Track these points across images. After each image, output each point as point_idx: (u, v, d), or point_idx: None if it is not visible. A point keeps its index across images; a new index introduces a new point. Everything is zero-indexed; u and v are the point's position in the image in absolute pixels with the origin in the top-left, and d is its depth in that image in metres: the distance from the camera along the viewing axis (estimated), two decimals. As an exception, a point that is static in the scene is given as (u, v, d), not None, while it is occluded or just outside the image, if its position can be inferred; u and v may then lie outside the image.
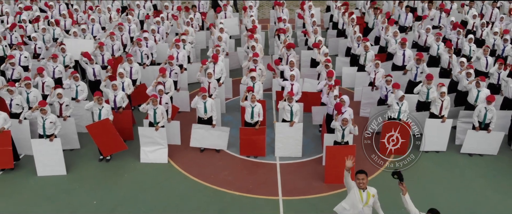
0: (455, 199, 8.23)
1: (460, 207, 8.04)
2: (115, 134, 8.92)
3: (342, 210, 6.01)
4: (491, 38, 12.41)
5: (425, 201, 7.98)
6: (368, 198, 5.92)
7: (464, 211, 7.94)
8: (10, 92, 9.03)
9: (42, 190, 8.44)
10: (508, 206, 8.09)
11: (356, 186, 5.92)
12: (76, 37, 11.97)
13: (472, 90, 9.50)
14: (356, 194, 5.89)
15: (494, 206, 8.07)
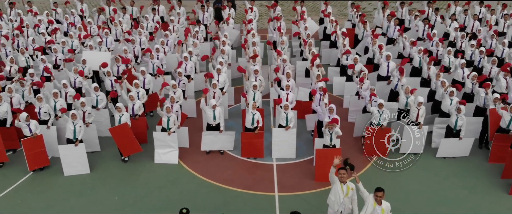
0: (427, 194, 9.51)
1: (431, 200, 9.33)
2: (132, 138, 10.19)
3: (329, 201, 7.34)
4: (468, 50, 13.66)
5: (401, 195, 9.30)
6: (348, 190, 7.23)
7: (434, 204, 9.22)
8: (39, 100, 10.30)
9: (70, 187, 9.72)
10: (472, 199, 9.39)
11: (338, 181, 7.22)
12: (92, 49, 13.23)
13: (446, 99, 10.76)
14: (338, 187, 7.20)
15: (461, 200, 9.37)
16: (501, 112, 10.26)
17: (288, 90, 11.11)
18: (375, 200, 6.99)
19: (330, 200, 7.43)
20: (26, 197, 9.57)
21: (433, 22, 16.22)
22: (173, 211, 7.93)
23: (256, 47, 13.35)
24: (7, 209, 9.27)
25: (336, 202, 7.32)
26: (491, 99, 10.75)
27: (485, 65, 12.77)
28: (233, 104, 12.86)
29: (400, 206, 8.84)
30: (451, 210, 9.13)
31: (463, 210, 9.13)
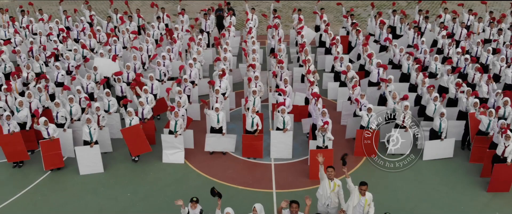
0: (412, 191, 10.45)
1: (415, 197, 10.27)
2: (143, 138, 11.12)
3: (318, 195, 8.29)
4: (454, 57, 14.58)
5: (387, 192, 10.24)
6: (334, 186, 8.19)
7: (417, 200, 10.16)
8: (56, 105, 11.22)
9: (86, 185, 10.65)
10: (452, 196, 10.32)
11: (326, 177, 8.16)
12: (102, 57, 14.15)
13: (430, 104, 11.69)
14: (326, 183, 8.15)
15: (442, 196, 10.30)
16: (480, 117, 11.18)
17: (285, 96, 12.03)
18: (360, 192, 7.94)
19: (319, 194, 8.41)
20: (45, 194, 10.51)
21: (423, 29, 17.18)
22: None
23: (255, 54, 14.26)
24: (29, 205, 10.19)
25: (323, 196, 8.30)
26: (471, 104, 11.68)
27: (469, 72, 13.69)
28: (234, 108, 13.79)
29: (386, 201, 9.77)
30: (433, 206, 10.05)
31: (444, 205, 10.05)
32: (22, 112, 11.31)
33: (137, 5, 18.68)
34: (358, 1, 25.46)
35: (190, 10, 22.44)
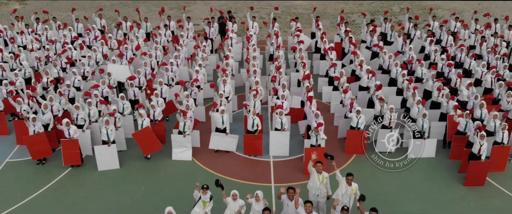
0: (396, 184, 11.67)
1: (399, 190, 11.52)
2: (154, 138, 12.33)
3: (309, 187, 9.52)
4: (440, 63, 15.79)
5: (374, 184, 11.46)
6: (323, 178, 9.41)
7: (401, 193, 11.39)
8: (77, 108, 12.43)
9: (104, 180, 11.88)
10: (432, 189, 11.56)
11: (315, 171, 9.39)
12: (114, 63, 15.37)
13: (414, 106, 12.89)
14: (315, 176, 9.37)
15: (423, 190, 11.53)
16: (458, 119, 12.40)
17: (283, 99, 13.24)
18: (347, 182, 9.16)
19: (309, 186, 9.63)
20: (67, 188, 11.74)
21: (412, 36, 18.40)
22: (189, 198, 10.02)
23: (256, 61, 15.47)
24: (53, 198, 11.42)
25: (313, 187, 9.54)
26: (451, 106, 12.90)
27: (452, 77, 14.91)
28: (237, 110, 15.01)
29: (372, 194, 10.92)
30: (414, 198, 11.27)
31: (424, 198, 11.27)
32: (46, 115, 12.53)
33: (143, 12, 19.93)
34: (353, 8, 26.69)
35: (193, 16, 23.67)
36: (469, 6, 26.79)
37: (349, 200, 9.37)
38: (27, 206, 11.18)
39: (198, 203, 9.17)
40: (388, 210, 10.63)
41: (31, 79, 15.24)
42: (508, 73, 15.21)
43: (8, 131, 14.04)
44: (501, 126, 11.88)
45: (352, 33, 18.46)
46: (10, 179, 12.15)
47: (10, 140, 13.72)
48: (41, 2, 28.32)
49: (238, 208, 9.00)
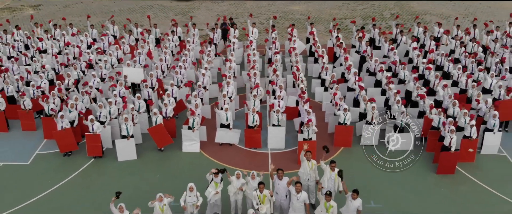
0: (377, 172, 13.35)
1: (380, 178, 13.25)
2: (166, 133, 14.12)
3: (300, 173, 11.31)
4: (421, 66, 17.57)
5: (359, 174, 13.21)
6: (312, 165, 11.19)
7: (381, 180, 13.15)
8: (100, 107, 14.20)
9: (124, 169, 13.65)
10: (408, 177, 13.30)
11: (306, 159, 11.16)
12: (129, 66, 17.14)
13: (394, 105, 14.67)
14: (305, 163, 11.15)
15: (401, 178, 13.27)
16: (432, 116, 14.18)
17: (280, 99, 15.02)
18: (330, 169, 10.94)
19: (301, 172, 11.41)
20: (92, 176, 13.52)
21: (398, 41, 20.19)
22: (198, 183, 11.70)
23: (256, 64, 17.25)
24: (79, 185, 13.18)
25: (304, 173, 11.32)
26: (427, 105, 14.68)
27: (431, 79, 16.67)
28: (238, 108, 16.79)
29: (356, 181, 12.72)
30: (392, 184, 13.05)
31: (401, 184, 13.05)
32: (73, 113, 14.31)
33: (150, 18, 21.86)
34: (346, 13, 28.49)
35: (197, 21, 25.44)
36: (456, 12, 28.57)
37: (333, 184, 11.14)
38: (57, 191, 12.96)
39: (211, 184, 10.95)
40: (369, 194, 12.41)
41: (53, 81, 17.06)
42: (482, 75, 16.95)
43: (36, 127, 15.80)
44: (470, 123, 13.66)
45: (344, 37, 20.23)
46: (41, 169, 13.93)
47: (38, 135, 15.51)
48: (53, 7, 30.12)
49: (240, 185, 10.77)
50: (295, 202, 10.40)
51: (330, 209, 10.21)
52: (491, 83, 16.35)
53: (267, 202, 10.35)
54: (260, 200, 10.25)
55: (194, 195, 10.50)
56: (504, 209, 12.40)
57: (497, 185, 13.25)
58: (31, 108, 15.59)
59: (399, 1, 30.81)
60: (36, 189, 12.97)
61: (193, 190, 10.55)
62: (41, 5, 30.63)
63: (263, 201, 10.22)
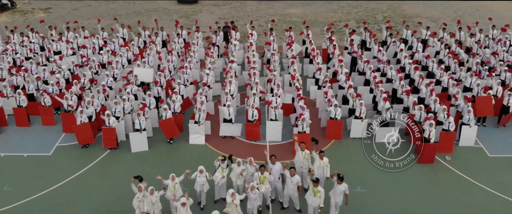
0: (363, 161, 14.80)
1: (364, 166, 14.71)
2: (174, 126, 15.67)
3: (295, 161, 12.85)
4: (407, 66, 19.11)
5: (345, 162, 14.74)
6: (305, 154, 12.72)
7: (365, 167, 14.62)
8: (115, 103, 15.74)
9: (137, 159, 15.19)
10: (391, 164, 14.82)
11: (300, 149, 12.70)
12: (139, 67, 18.68)
13: (381, 102, 16.21)
14: (299, 153, 12.69)
15: (383, 165, 14.76)
16: (414, 112, 15.73)
17: (277, 96, 16.56)
18: (319, 157, 12.48)
19: (295, 160, 12.95)
20: (108, 165, 15.07)
21: (388, 43, 21.74)
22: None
23: (255, 64, 18.79)
24: (97, 174, 14.71)
25: (298, 161, 12.86)
26: (411, 102, 16.23)
27: (415, 78, 18.22)
28: (239, 105, 18.34)
29: (342, 168, 14.22)
30: (378, 171, 14.48)
31: (386, 172, 14.50)
32: (90, 109, 15.86)
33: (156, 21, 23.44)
34: (341, 16, 30.04)
35: (200, 24, 26.98)
36: (445, 15, 30.15)
37: (322, 171, 12.67)
38: (78, 178, 14.51)
39: (218, 170, 12.50)
40: (356, 180, 13.97)
41: (69, 80, 18.62)
42: (464, 74, 18.49)
43: (55, 122, 17.35)
44: (449, 118, 15.20)
45: (338, 39, 21.76)
46: (61, 159, 15.47)
47: (57, 129, 17.06)
48: (63, 10, 31.66)
49: (240, 170, 12.31)
50: (289, 184, 11.96)
51: (318, 193, 11.69)
52: (471, 82, 17.88)
53: (266, 182, 11.91)
54: (260, 180, 11.81)
55: (203, 176, 12.12)
56: (477, 194, 13.92)
57: (472, 173, 14.77)
58: (50, 105, 17.12)
59: (392, 4, 32.32)
60: (58, 177, 14.51)
61: (203, 172, 12.15)
62: (51, 8, 32.17)
63: (263, 182, 11.80)
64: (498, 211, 13.23)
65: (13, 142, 16.44)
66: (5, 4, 31.89)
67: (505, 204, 13.47)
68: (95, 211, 13.07)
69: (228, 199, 11.29)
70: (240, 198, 11.39)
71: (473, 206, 13.44)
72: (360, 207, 13.13)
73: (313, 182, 11.67)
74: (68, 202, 13.48)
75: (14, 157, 15.60)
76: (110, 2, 33.36)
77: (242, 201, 11.78)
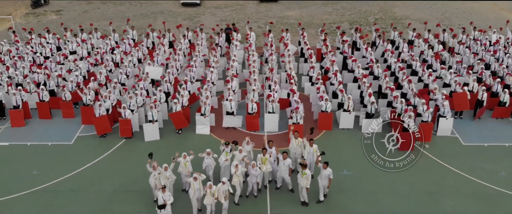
0: (351, 150, 16.82)
1: (352, 153, 16.67)
2: (183, 118, 17.61)
3: (290, 148, 14.79)
4: (393, 64, 21.04)
5: (333, 150, 16.65)
6: (299, 142, 14.64)
7: (353, 154, 16.57)
8: (130, 98, 17.67)
9: (150, 147, 17.06)
10: (373, 152, 16.72)
11: (294, 138, 14.63)
12: (150, 65, 20.61)
13: (366, 97, 18.13)
14: (293, 141, 14.61)
15: (367, 152, 16.70)
16: (396, 105, 17.67)
17: (274, 92, 18.49)
18: (309, 144, 14.40)
19: (290, 147, 14.87)
20: (124, 153, 16.99)
21: (377, 44, 23.69)
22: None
23: (255, 63, 20.73)
24: (114, 160, 16.63)
25: (292, 148, 14.78)
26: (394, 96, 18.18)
27: (400, 76, 20.16)
28: (240, 100, 20.27)
29: (330, 155, 16.11)
30: (362, 158, 16.12)
31: (367, 160, 16.47)
32: (107, 102, 17.79)
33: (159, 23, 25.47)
34: (336, 18, 31.97)
35: (205, 26, 28.90)
36: (433, 17, 32.07)
37: (312, 157, 14.58)
38: (98, 163, 16.43)
39: (222, 153, 14.43)
40: (343, 164, 15.91)
41: (85, 77, 20.54)
42: (444, 72, 20.42)
43: (74, 115, 19.27)
44: (428, 111, 17.13)
45: (332, 40, 23.72)
46: (82, 147, 17.39)
47: (76, 121, 18.99)
48: (74, 12, 33.59)
49: (242, 156, 14.20)
50: (282, 166, 13.90)
51: (304, 175, 13.55)
52: (449, 78, 19.81)
53: (267, 163, 13.85)
54: (262, 161, 13.76)
55: (210, 158, 14.03)
56: (449, 175, 15.84)
57: (447, 159, 16.66)
58: (70, 99, 19.04)
59: (383, 7, 34.25)
60: (79, 163, 16.41)
61: (210, 154, 14.06)
62: (62, 10, 34.08)
63: (264, 162, 13.74)
64: (468, 190, 15.10)
65: (38, 132, 18.37)
66: (39, 0, 34.23)
67: (475, 185, 15.34)
68: (116, 191, 14.99)
69: (232, 170, 13.29)
70: (242, 169, 13.40)
71: (448, 187, 15.27)
72: (347, 186, 15.06)
73: (301, 166, 13.59)
74: (91, 183, 15.40)
75: (40, 145, 17.52)
76: (118, 5, 35.29)
77: (245, 181, 13.72)
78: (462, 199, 14.65)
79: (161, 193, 12.52)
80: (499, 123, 18.96)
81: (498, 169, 16.07)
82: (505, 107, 18.98)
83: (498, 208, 14.28)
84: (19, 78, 20.13)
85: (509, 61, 21.88)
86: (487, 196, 14.78)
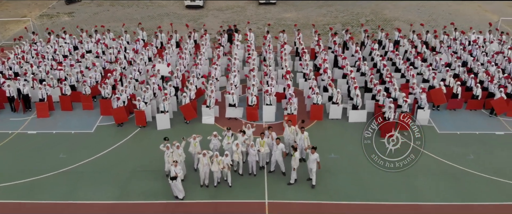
0: (338, 138, 19.16)
1: (340, 140, 19.03)
2: (192, 109, 19.95)
3: (284, 135, 17.12)
4: (379, 63, 23.37)
5: (322, 137, 19.01)
6: (291, 129, 16.97)
7: (341, 141, 18.93)
8: (144, 92, 20.00)
9: (162, 134, 19.28)
10: (358, 138, 19.06)
11: (287, 126, 16.97)
12: (160, 63, 22.94)
13: (352, 90, 20.44)
14: (287, 129, 16.95)
15: (353, 139, 19.03)
16: (379, 98, 20.01)
17: (272, 86, 20.82)
18: (300, 131, 16.72)
19: (284, 134, 17.21)
20: (140, 139, 19.32)
21: (365, 44, 26.03)
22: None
23: (254, 61, 23.06)
24: (130, 146, 18.96)
25: (286, 135, 17.12)
26: (377, 89, 20.52)
27: (384, 72, 22.48)
28: (241, 94, 22.61)
29: (319, 141, 18.47)
30: (348, 143, 18.75)
31: (354, 143, 18.75)
32: (123, 95, 20.13)
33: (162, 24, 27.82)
34: (330, 20, 34.30)
35: (208, 27, 31.22)
36: (421, 18, 34.37)
37: (303, 142, 16.90)
38: (117, 149, 18.76)
39: (225, 138, 16.76)
40: (330, 149, 18.24)
41: (102, 74, 22.87)
42: (423, 69, 22.74)
43: (93, 107, 21.60)
44: (406, 104, 19.46)
45: (325, 40, 26.08)
46: (102, 135, 19.73)
47: (95, 112, 21.32)
48: (84, 14, 35.91)
49: (243, 139, 16.51)
50: (276, 150, 16.23)
51: (293, 157, 15.89)
52: (428, 74, 22.15)
53: (265, 146, 16.21)
54: (261, 144, 16.11)
55: (216, 139, 16.40)
56: (423, 158, 18.12)
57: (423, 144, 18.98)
58: (90, 93, 21.38)
59: (374, 9, 36.55)
60: (100, 148, 18.75)
61: (217, 136, 16.44)
62: (74, 12, 36.41)
63: (262, 145, 16.10)
64: (441, 171, 17.39)
65: (61, 122, 20.71)
66: None
67: (445, 166, 17.67)
68: (134, 170, 17.33)
69: (233, 147, 15.78)
70: (241, 149, 15.87)
71: (424, 168, 17.52)
72: (333, 167, 17.39)
73: (292, 148, 15.93)
74: (111, 165, 17.73)
75: (64, 133, 19.86)
76: (126, 7, 37.61)
77: (245, 162, 16.14)
78: (433, 176, 16.98)
79: (173, 167, 14.88)
80: (472, 114, 21.29)
81: (467, 153, 18.41)
82: (478, 100, 21.31)
83: (462, 184, 16.60)
84: (42, 74, 22.45)
85: (484, 59, 24.19)
86: (455, 174, 17.12)
